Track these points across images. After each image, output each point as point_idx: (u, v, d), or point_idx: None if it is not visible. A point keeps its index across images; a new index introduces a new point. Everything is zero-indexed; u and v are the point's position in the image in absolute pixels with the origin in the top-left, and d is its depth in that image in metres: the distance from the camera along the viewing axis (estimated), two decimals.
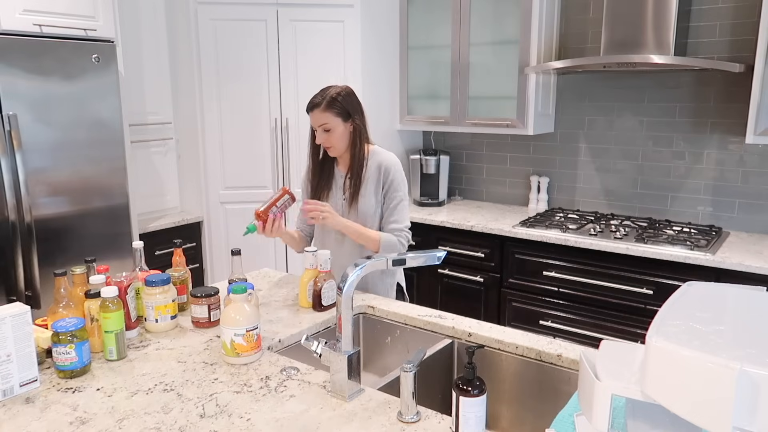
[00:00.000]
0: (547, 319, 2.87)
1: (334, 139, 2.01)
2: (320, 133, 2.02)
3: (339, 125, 2.00)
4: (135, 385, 1.37)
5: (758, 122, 2.49)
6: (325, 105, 1.98)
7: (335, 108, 1.99)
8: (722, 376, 0.76)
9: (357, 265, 1.31)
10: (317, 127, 2.01)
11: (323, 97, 1.99)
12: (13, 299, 2.54)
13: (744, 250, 2.52)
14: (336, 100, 1.99)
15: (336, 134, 2.01)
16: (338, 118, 1.99)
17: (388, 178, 2.05)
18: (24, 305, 1.36)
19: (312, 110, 2.01)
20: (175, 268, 1.84)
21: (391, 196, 2.05)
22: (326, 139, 2.02)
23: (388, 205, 2.06)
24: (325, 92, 2.01)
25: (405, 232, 2.06)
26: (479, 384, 1.11)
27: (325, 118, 1.99)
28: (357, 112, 2.03)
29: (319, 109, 1.98)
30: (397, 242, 2.03)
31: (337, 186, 2.12)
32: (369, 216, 2.05)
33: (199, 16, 3.18)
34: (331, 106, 1.98)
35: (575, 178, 3.34)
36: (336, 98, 1.99)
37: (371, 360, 1.92)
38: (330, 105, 1.98)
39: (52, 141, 2.62)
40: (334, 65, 3.31)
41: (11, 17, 2.51)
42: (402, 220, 2.06)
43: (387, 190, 2.05)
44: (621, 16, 2.75)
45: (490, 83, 3.25)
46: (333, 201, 2.10)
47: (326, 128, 2.00)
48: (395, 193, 2.05)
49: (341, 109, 1.99)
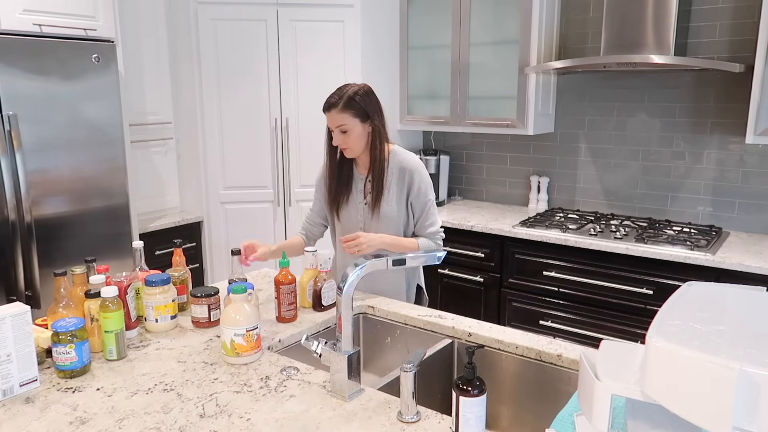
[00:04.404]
0: (547, 319, 2.87)
1: (352, 141, 1.92)
2: (337, 134, 1.92)
3: (357, 126, 1.90)
4: (135, 385, 1.37)
5: (758, 122, 2.49)
6: (342, 105, 1.88)
7: (353, 108, 1.89)
8: (722, 376, 0.76)
9: (357, 265, 1.31)
10: (334, 128, 1.91)
11: (340, 97, 1.89)
12: (13, 299, 2.54)
13: (744, 250, 2.52)
14: (354, 100, 1.89)
15: (354, 135, 1.91)
16: (356, 119, 1.90)
17: (414, 184, 1.97)
18: (24, 305, 1.36)
19: (329, 110, 1.90)
20: (175, 268, 1.84)
21: (421, 201, 1.99)
22: (343, 141, 1.92)
23: (421, 210, 2.00)
24: (343, 91, 1.91)
25: (440, 233, 2.04)
26: (479, 384, 1.11)
27: (343, 119, 1.89)
28: (376, 111, 1.94)
29: (337, 109, 1.89)
30: (435, 245, 2.00)
31: (357, 189, 2.03)
32: (393, 220, 1.98)
33: (199, 16, 3.18)
34: (349, 106, 1.89)
35: (575, 178, 3.34)
36: (354, 97, 1.89)
37: (371, 360, 1.92)
38: (348, 105, 1.89)
39: (52, 141, 2.62)
40: (334, 65, 3.31)
41: (11, 17, 2.51)
42: (436, 222, 2.02)
43: (416, 195, 1.98)
44: (621, 16, 2.75)
45: (490, 83, 3.25)
46: (353, 205, 2.03)
47: (344, 129, 1.90)
48: (425, 197, 1.99)
49: (359, 109, 1.90)
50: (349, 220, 2.05)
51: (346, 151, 1.95)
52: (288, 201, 3.40)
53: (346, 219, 2.05)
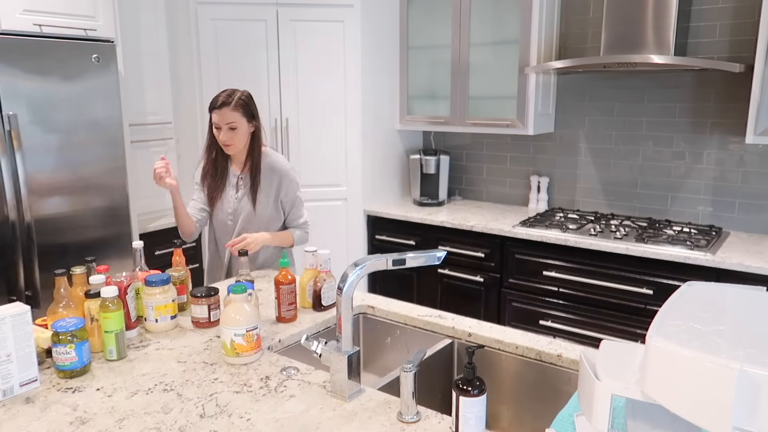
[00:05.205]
0: (547, 319, 2.87)
1: (238, 139, 2.15)
2: (226, 131, 2.13)
3: (244, 125, 2.15)
4: (135, 385, 1.37)
5: (758, 122, 2.49)
6: (234, 104, 2.12)
7: (243, 108, 2.14)
8: (722, 376, 0.76)
9: (357, 264, 1.31)
10: (224, 125, 2.13)
11: (231, 97, 2.13)
12: (13, 299, 2.54)
13: (744, 250, 2.52)
14: (243, 101, 2.15)
15: (240, 133, 2.15)
16: (244, 118, 2.15)
17: (283, 185, 2.25)
18: (24, 305, 1.36)
19: (221, 108, 2.11)
20: (175, 268, 1.84)
21: (291, 198, 2.28)
22: (230, 138, 2.14)
23: (291, 206, 2.29)
24: (233, 93, 2.15)
25: (308, 223, 2.36)
26: (479, 384, 1.11)
27: (234, 117, 2.12)
28: (257, 115, 2.21)
29: (229, 107, 2.11)
30: (305, 235, 2.34)
31: (230, 185, 2.27)
32: (262, 215, 2.24)
33: (199, 16, 3.18)
34: (240, 106, 2.13)
35: (575, 178, 3.34)
36: (243, 99, 2.15)
37: (371, 360, 1.92)
38: (239, 104, 2.13)
39: (52, 141, 2.62)
40: (334, 65, 3.31)
41: (11, 17, 2.51)
42: (303, 215, 2.34)
43: (285, 194, 2.26)
44: (621, 16, 2.75)
45: (490, 83, 3.25)
46: (226, 199, 2.26)
47: (233, 126, 2.13)
48: (293, 195, 2.29)
49: (248, 110, 2.16)
50: (222, 212, 2.28)
51: (230, 147, 2.18)
52: None
53: (219, 211, 2.29)
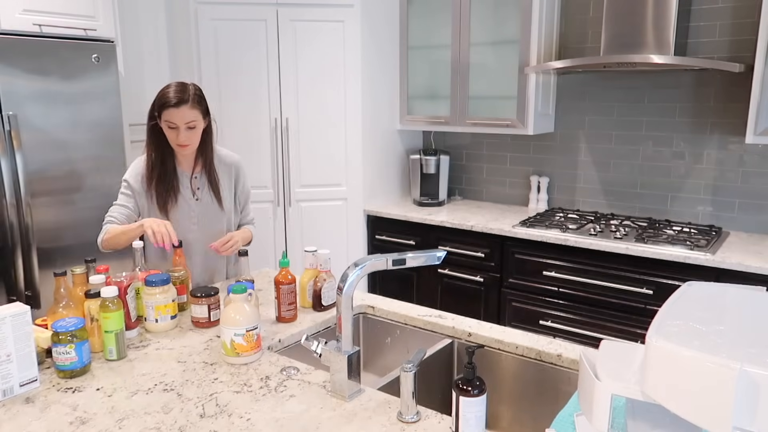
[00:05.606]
0: (547, 319, 2.87)
1: (196, 138, 1.93)
2: (184, 131, 1.87)
3: (201, 122, 1.92)
4: (135, 385, 1.37)
5: (758, 122, 2.49)
6: (192, 101, 1.86)
7: (201, 105, 1.90)
8: (722, 376, 0.76)
9: (357, 264, 1.31)
10: (182, 125, 1.86)
11: (186, 93, 1.86)
12: (13, 299, 2.54)
13: (744, 250, 2.52)
14: (200, 96, 1.91)
15: (198, 132, 1.92)
16: (201, 116, 1.91)
17: (240, 179, 2.13)
18: (24, 305, 1.36)
19: (178, 106, 1.84)
20: (175, 268, 1.84)
21: (246, 193, 2.17)
22: (188, 137, 1.89)
23: (245, 201, 2.18)
24: (185, 88, 1.88)
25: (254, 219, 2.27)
26: (479, 384, 1.11)
27: (194, 115, 1.87)
28: (209, 110, 1.98)
29: (188, 105, 1.85)
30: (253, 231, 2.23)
31: (185, 186, 2.03)
32: (226, 212, 2.10)
33: (199, 16, 3.18)
34: (198, 103, 1.89)
35: (575, 178, 3.34)
36: (199, 94, 1.91)
37: (371, 360, 1.92)
38: (197, 101, 1.88)
39: (52, 141, 2.62)
40: (334, 65, 3.31)
41: (11, 17, 2.51)
42: (251, 211, 2.25)
43: (242, 188, 2.14)
44: (621, 15, 2.75)
45: (490, 83, 3.25)
46: (183, 202, 2.02)
47: (192, 126, 1.88)
48: (248, 190, 2.19)
49: (204, 105, 1.93)
50: (182, 217, 2.02)
51: (187, 148, 1.94)
52: (288, 201, 3.39)
53: (178, 216, 2.02)
